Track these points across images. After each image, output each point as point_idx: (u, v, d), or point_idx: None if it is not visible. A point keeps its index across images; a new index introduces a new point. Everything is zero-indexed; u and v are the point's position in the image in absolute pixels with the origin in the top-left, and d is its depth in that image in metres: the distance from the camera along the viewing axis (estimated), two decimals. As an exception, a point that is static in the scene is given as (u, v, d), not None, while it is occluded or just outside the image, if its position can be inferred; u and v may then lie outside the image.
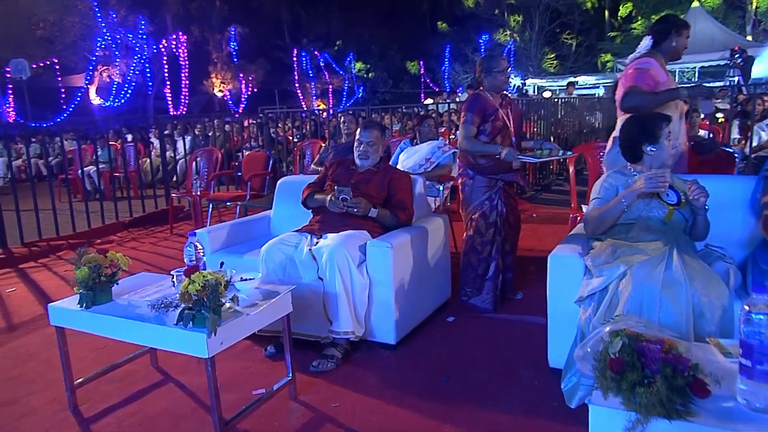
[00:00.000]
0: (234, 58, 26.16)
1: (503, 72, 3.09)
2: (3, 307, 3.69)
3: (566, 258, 2.20)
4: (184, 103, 25.20)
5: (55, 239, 5.31)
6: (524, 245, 4.46)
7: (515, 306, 3.21)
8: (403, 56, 28.65)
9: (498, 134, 3.09)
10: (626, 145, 2.38)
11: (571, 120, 8.62)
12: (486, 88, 3.13)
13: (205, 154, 5.87)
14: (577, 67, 22.91)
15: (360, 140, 3.00)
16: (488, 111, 3.08)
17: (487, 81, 3.11)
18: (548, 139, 7.60)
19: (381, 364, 2.55)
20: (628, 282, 1.96)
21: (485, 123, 3.08)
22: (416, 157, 4.24)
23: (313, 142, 6.60)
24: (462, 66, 24.04)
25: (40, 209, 5.28)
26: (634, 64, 2.87)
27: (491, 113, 3.08)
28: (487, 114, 3.08)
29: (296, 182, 3.43)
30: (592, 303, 2.07)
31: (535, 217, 5.59)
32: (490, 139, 3.08)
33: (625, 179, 2.34)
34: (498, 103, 3.12)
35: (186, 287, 1.79)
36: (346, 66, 28.10)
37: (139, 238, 5.64)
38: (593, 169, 3.64)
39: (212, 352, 1.82)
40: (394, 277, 2.61)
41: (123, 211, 6.18)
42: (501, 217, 3.14)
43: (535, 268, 3.88)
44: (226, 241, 3.19)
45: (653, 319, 1.85)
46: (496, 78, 3.08)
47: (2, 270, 4.60)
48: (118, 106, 23.48)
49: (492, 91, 3.12)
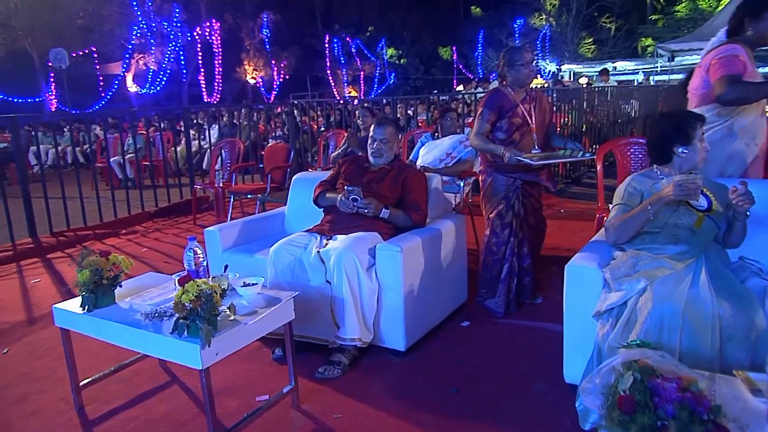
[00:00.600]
0: (266, 45, 26.25)
1: (526, 65, 2.92)
2: (26, 298, 3.76)
3: (584, 269, 2.06)
4: (218, 91, 25.50)
5: (82, 229, 5.40)
6: (549, 243, 4.29)
7: (534, 311, 3.08)
8: (435, 42, 28.21)
9: (516, 131, 2.97)
10: (655, 144, 2.21)
11: (605, 109, 8.28)
12: (509, 82, 3.00)
13: (228, 146, 5.85)
14: (616, 52, 22.10)
15: (373, 137, 2.90)
16: (506, 107, 2.96)
17: (510, 75, 2.97)
18: (580, 128, 7.36)
19: (389, 372, 2.47)
20: (648, 298, 1.81)
21: (502, 119, 2.96)
22: (437, 151, 4.10)
23: (337, 132, 6.52)
24: (495, 51, 23.48)
25: (72, 197, 5.36)
26: (721, 51, 2.54)
27: (509, 109, 2.95)
28: (504, 110, 2.96)
29: (311, 178, 3.35)
30: (610, 318, 1.93)
31: (563, 212, 5.38)
32: (508, 135, 2.96)
33: (650, 183, 2.17)
34: (520, 98, 2.98)
35: (179, 297, 1.74)
36: (377, 52, 27.86)
37: (163, 228, 5.69)
38: (622, 166, 3.45)
39: (206, 364, 1.77)
40: (404, 281, 2.51)
41: (151, 200, 6.24)
42: (518, 218, 3.01)
43: (558, 269, 3.68)
44: (238, 238, 3.14)
45: (674, 342, 1.71)
46: (519, 72, 2.93)
47: (30, 260, 4.70)
48: (153, 94, 23.95)
49: (515, 85, 2.98)
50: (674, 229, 2.07)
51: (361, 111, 4.76)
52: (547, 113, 3.11)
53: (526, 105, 2.98)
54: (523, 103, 2.98)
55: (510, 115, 2.95)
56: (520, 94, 2.99)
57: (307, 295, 2.59)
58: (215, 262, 3.09)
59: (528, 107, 2.99)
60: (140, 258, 4.58)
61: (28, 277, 4.25)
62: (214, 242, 3.07)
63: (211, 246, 3.08)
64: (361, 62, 27.61)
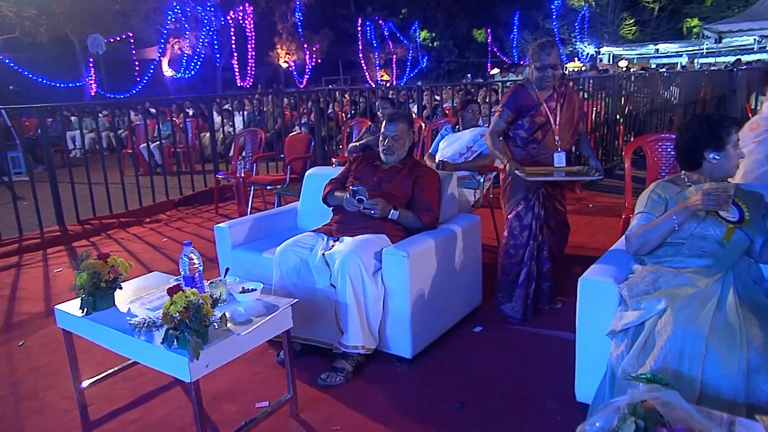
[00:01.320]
0: (299, 29, 26.20)
1: (542, 69, 2.74)
2: (47, 288, 3.82)
3: (599, 283, 1.92)
4: (251, 75, 25.67)
5: (108, 217, 5.48)
6: (575, 241, 4.12)
7: (551, 317, 2.93)
8: (469, 24, 27.60)
9: (538, 130, 2.85)
10: (684, 148, 2.03)
11: (643, 96, 7.89)
12: (532, 79, 2.83)
13: (250, 135, 5.82)
14: (659, 33, 21.21)
15: (385, 134, 2.79)
16: (528, 106, 2.83)
17: (532, 73, 2.82)
18: (614, 117, 7.04)
19: (393, 382, 2.38)
20: (668, 321, 1.66)
21: (523, 118, 2.85)
22: (456, 145, 3.95)
23: (361, 121, 6.41)
24: (532, 34, 22.85)
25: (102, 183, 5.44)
26: None
27: (532, 108, 2.82)
28: (526, 109, 2.83)
29: (325, 174, 3.26)
30: (625, 338, 1.79)
31: (592, 207, 5.16)
32: (529, 134, 2.86)
33: (676, 190, 2.00)
34: (546, 96, 2.83)
35: (167, 308, 1.68)
36: (410, 35, 27.47)
37: (186, 217, 5.73)
38: (652, 164, 3.24)
39: (195, 377, 1.72)
40: (411, 287, 2.41)
41: (176, 187, 6.29)
42: (538, 221, 2.86)
43: (584, 269, 3.53)
44: (249, 235, 3.10)
45: (696, 371, 1.56)
46: (536, 73, 2.77)
47: (56, 248, 4.79)
48: (188, 78, 24.28)
49: (536, 84, 2.82)
50: (700, 241, 1.90)
51: (381, 102, 4.63)
52: (576, 111, 2.94)
53: (551, 103, 2.83)
54: (549, 101, 2.83)
55: (533, 114, 2.82)
56: (546, 91, 2.83)
57: (312, 298, 2.53)
58: (224, 260, 3.06)
59: (554, 105, 2.84)
60: (159, 249, 4.62)
61: (51, 266, 4.33)
62: (223, 239, 3.03)
63: (221, 242, 3.04)
64: (394, 45, 27.29)
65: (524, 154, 2.88)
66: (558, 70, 2.76)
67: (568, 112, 2.88)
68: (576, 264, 3.71)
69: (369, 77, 26.99)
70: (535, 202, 2.86)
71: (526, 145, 2.87)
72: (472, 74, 24.64)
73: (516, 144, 2.91)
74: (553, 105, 2.84)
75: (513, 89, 2.91)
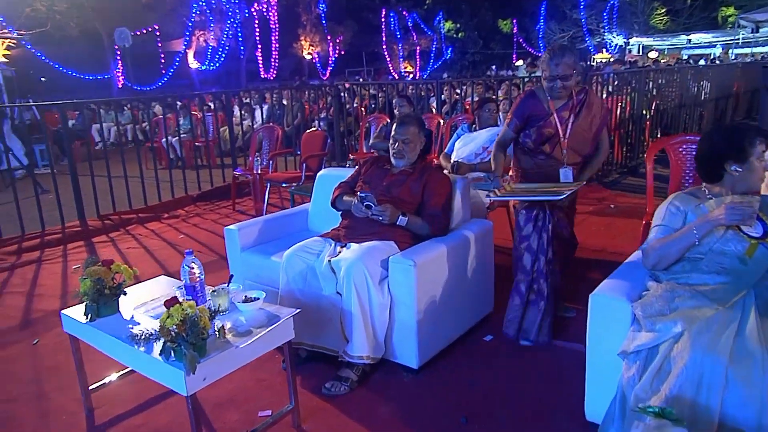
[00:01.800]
0: (323, 20, 26.15)
1: (551, 80, 2.54)
2: (64, 285, 3.88)
3: (610, 301, 1.83)
4: (275, 67, 25.75)
5: (127, 212, 5.54)
6: (594, 244, 4.02)
7: (564, 328, 2.84)
8: (495, 14, 27.19)
9: (546, 142, 2.66)
10: (704, 160, 1.93)
11: (671, 90, 7.63)
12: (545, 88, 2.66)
13: (267, 132, 5.81)
14: (692, 23, 20.52)
15: (395, 137, 2.72)
16: (537, 115, 2.65)
17: (543, 82, 2.64)
18: (641, 113, 6.82)
19: (398, 392, 2.34)
20: (684, 347, 1.57)
21: (531, 127, 2.68)
22: (473, 145, 3.87)
23: (379, 117, 6.35)
24: (558, 24, 22.39)
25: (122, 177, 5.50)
26: None
27: (541, 118, 2.64)
28: (535, 118, 2.66)
29: (336, 175, 3.22)
30: (637, 360, 1.70)
31: (613, 208, 5.01)
32: (536, 145, 2.69)
33: (696, 203, 1.90)
34: (559, 105, 2.63)
35: (164, 321, 1.66)
36: (434, 26, 27.19)
37: (203, 213, 5.76)
38: (675, 168, 3.10)
39: (191, 390, 1.70)
40: (418, 297, 2.35)
41: (196, 182, 6.32)
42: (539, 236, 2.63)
43: (601, 275, 3.41)
44: (259, 237, 3.08)
45: (714, 403, 1.47)
46: (545, 83, 2.59)
47: (76, 243, 4.87)
48: (213, 70, 24.50)
49: (548, 93, 2.64)
50: (719, 257, 1.80)
51: (398, 100, 4.56)
52: (595, 120, 2.69)
53: (564, 112, 2.62)
54: (562, 110, 2.62)
55: (541, 125, 2.64)
56: (559, 100, 2.64)
57: (318, 304, 2.49)
58: (234, 262, 3.05)
59: (567, 115, 2.62)
60: (175, 245, 4.65)
61: (70, 261, 4.40)
62: (233, 241, 3.02)
63: (230, 245, 3.04)
64: (418, 37, 27.06)
65: (532, 163, 2.74)
66: (569, 80, 2.53)
67: (585, 121, 2.66)
68: (593, 269, 3.61)
69: (392, 69, 26.83)
70: (538, 213, 2.66)
71: (534, 155, 2.73)
72: (497, 66, 24.29)
73: (524, 152, 2.77)
74: (565, 115, 2.62)
75: (523, 96, 2.75)
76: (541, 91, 2.67)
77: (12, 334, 3.15)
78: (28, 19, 15.51)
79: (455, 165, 3.75)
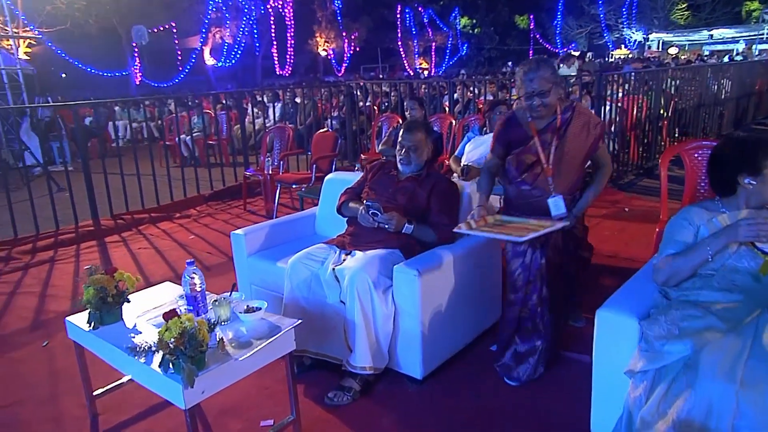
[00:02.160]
0: (338, 17, 26.15)
1: (528, 97, 2.22)
2: (75, 287, 3.92)
3: (617, 318, 1.78)
4: (290, 63, 25.85)
5: (139, 212, 5.59)
6: (607, 250, 3.95)
7: (574, 337, 2.78)
8: (511, 10, 26.91)
9: (527, 171, 2.33)
10: (716, 172, 1.86)
11: (690, 89, 7.47)
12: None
13: (278, 132, 5.81)
14: (714, 18, 20.08)
15: (402, 143, 2.69)
16: (516, 140, 2.36)
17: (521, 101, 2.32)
18: (657, 113, 6.68)
19: (401, 404, 2.31)
20: (694, 371, 1.51)
21: (511, 153, 2.39)
22: (483, 148, 3.81)
23: (391, 117, 6.31)
24: (576, 20, 22.07)
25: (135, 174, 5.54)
26: None
27: (520, 142, 2.35)
28: (514, 144, 2.37)
29: (344, 180, 3.21)
30: (644, 381, 1.65)
31: (628, 211, 4.92)
32: (518, 174, 2.36)
33: (709, 217, 1.84)
34: (541, 126, 2.31)
35: (162, 334, 1.66)
36: (450, 22, 27.01)
37: (215, 213, 5.78)
38: (691, 175, 3.02)
39: (189, 404, 1.69)
40: (423, 306, 2.32)
41: (208, 180, 6.35)
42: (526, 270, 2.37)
43: (614, 282, 3.35)
44: (265, 242, 3.07)
45: (725, 429, 1.42)
46: (522, 101, 2.28)
47: (88, 243, 4.92)
48: (229, 66, 24.67)
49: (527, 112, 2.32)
50: (732, 274, 1.74)
51: (409, 102, 4.52)
52: (588, 139, 2.31)
53: (547, 135, 2.29)
54: (544, 132, 2.29)
55: (519, 152, 2.34)
56: (542, 120, 2.31)
57: (323, 312, 2.48)
58: (241, 267, 3.05)
59: (549, 138, 2.28)
60: (185, 246, 4.67)
61: (83, 262, 4.45)
62: (240, 246, 3.01)
63: (237, 249, 3.03)
64: (433, 33, 26.93)
65: (516, 193, 2.42)
66: (548, 96, 2.20)
67: (574, 143, 2.30)
68: (606, 275, 3.55)
69: (408, 65, 26.74)
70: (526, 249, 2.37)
71: (518, 184, 2.38)
72: (513, 62, 24.04)
73: (508, 180, 2.44)
74: (548, 138, 2.28)
75: (503, 120, 2.45)
76: (522, 113, 2.37)
77: (23, 335, 3.19)
78: (49, 17, 15.73)
79: (465, 169, 3.70)
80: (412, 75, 23.13)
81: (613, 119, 5.90)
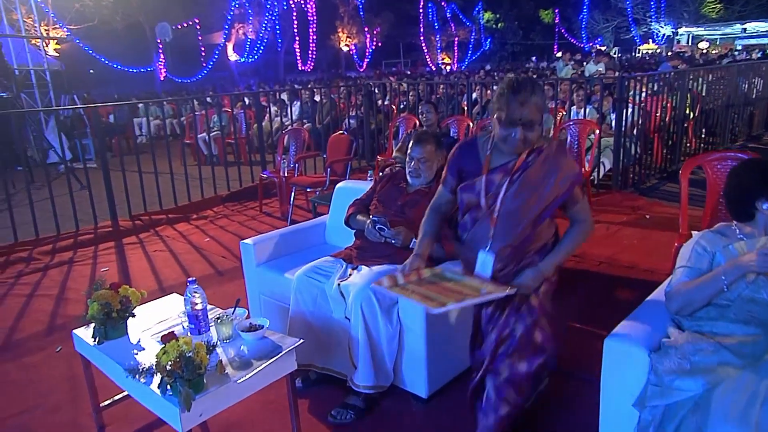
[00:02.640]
0: (360, 12, 26.08)
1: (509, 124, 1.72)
2: (91, 290, 3.96)
3: (627, 348, 1.71)
4: (312, 59, 25.90)
5: (157, 213, 5.65)
6: (626, 260, 3.86)
7: (581, 356, 2.71)
8: (536, 4, 26.49)
9: (467, 213, 1.92)
10: (734, 196, 1.78)
11: (718, 88, 7.22)
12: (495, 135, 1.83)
13: (293, 134, 5.81)
14: (748, 11, 19.42)
15: (411, 155, 2.64)
16: (468, 171, 1.90)
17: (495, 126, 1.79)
18: (683, 113, 6.47)
19: (405, 424, 2.28)
20: (705, 410, 1.44)
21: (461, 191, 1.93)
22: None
23: (408, 117, 6.26)
24: (603, 14, 21.58)
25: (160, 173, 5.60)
26: None
27: (471, 176, 1.89)
28: (465, 175, 1.92)
29: (355, 189, 3.18)
30: (653, 415, 1.59)
31: (648, 218, 4.78)
32: (461, 215, 1.96)
33: (724, 243, 1.75)
34: (499, 162, 1.84)
35: (159, 357, 1.65)
36: (473, 16, 26.72)
37: (231, 214, 5.81)
38: (713, 187, 2.91)
39: (186, 427, 1.69)
40: (428, 325, 2.27)
41: (225, 180, 6.38)
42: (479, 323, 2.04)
43: (633, 295, 3.27)
44: (274, 251, 3.06)
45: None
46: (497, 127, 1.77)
47: (106, 244, 4.99)
48: (252, 62, 24.84)
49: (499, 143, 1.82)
50: (749, 305, 1.66)
51: (424, 106, 4.45)
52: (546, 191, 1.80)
53: (497, 175, 1.82)
54: (499, 172, 1.82)
55: (462, 186, 1.90)
56: (503, 156, 1.84)
57: (329, 327, 2.46)
58: (250, 277, 3.04)
59: (499, 178, 1.81)
60: (200, 249, 4.70)
61: (100, 263, 4.51)
62: (249, 255, 3.01)
63: (246, 259, 3.03)
64: (456, 27, 26.66)
65: (459, 240, 1.99)
66: (533, 130, 1.73)
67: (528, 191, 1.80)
68: (624, 287, 3.46)
69: (430, 60, 26.55)
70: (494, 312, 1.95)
71: (462, 229, 1.96)
72: (537, 57, 23.69)
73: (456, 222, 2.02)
74: (497, 178, 1.82)
75: (460, 145, 1.98)
76: (484, 141, 1.90)
77: (38, 340, 3.24)
78: (77, 15, 16.05)
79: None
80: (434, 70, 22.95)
81: (635, 121, 5.74)
